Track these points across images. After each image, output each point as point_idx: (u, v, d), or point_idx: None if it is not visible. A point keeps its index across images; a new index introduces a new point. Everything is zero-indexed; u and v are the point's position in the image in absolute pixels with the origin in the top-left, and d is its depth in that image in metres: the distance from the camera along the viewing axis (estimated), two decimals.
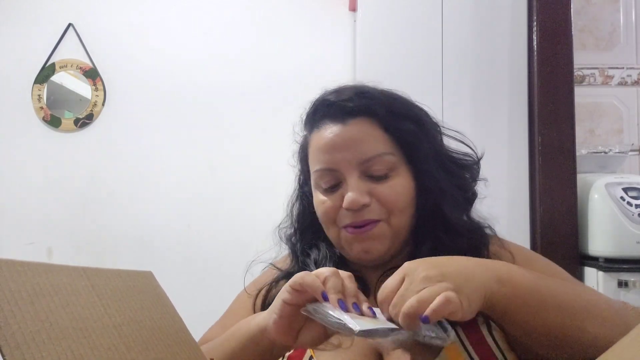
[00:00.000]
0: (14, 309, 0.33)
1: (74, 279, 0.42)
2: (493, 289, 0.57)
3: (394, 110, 0.73)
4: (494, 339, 0.63)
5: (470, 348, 0.62)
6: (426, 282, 0.53)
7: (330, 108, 0.74)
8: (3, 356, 0.30)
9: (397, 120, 0.72)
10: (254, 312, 0.77)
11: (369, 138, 0.71)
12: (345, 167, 0.70)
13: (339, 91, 0.76)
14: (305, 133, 0.81)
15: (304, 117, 0.80)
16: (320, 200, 0.74)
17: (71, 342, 0.36)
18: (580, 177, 1.77)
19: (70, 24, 2.27)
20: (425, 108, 0.79)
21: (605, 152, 1.95)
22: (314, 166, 0.75)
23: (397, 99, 0.76)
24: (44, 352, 0.32)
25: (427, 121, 0.77)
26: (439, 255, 0.67)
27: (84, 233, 2.21)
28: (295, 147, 0.84)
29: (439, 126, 0.79)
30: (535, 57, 1.79)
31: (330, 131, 0.72)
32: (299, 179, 0.85)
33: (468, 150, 0.79)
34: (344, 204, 0.69)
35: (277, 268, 0.82)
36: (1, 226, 2.21)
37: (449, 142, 0.80)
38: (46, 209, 2.22)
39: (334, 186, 0.73)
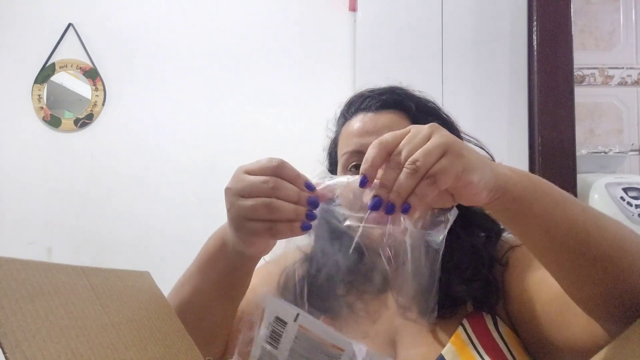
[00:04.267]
0: (15, 307, 0.33)
1: (72, 278, 0.42)
2: (505, 171, 0.52)
3: (423, 108, 0.78)
4: (499, 334, 0.65)
5: (476, 340, 0.64)
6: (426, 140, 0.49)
7: (364, 101, 0.78)
8: (4, 353, 0.30)
9: (425, 117, 0.76)
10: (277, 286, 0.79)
11: (398, 127, 0.72)
12: None
13: (373, 89, 0.82)
14: (337, 127, 0.84)
15: (338, 114, 0.84)
16: None
17: (70, 340, 0.36)
18: (580, 177, 1.77)
19: (70, 24, 2.27)
20: (448, 113, 0.84)
21: (605, 152, 1.95)
22: (343, 150, 0.77)
23: (426, 99, 0.82)
24: (44, 350, 0.33)
25: (452, 123, 0.82)
26: (454, 249, 0.70)
27: (83, 233, 2.21)
28: (327, 143, 0.88)
29: (460, 132, 0.83)
30: (535, 57, 1.79)
31: (362, 118, 0.77)
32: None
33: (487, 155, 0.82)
34: None
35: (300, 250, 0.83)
36: (1, 226, 2.21)
37: None
38: (46, 208, 2.22)
39: (358, 166, 0.74)
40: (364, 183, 0.51)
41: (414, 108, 0.76)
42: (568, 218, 0.53)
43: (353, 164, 0.75)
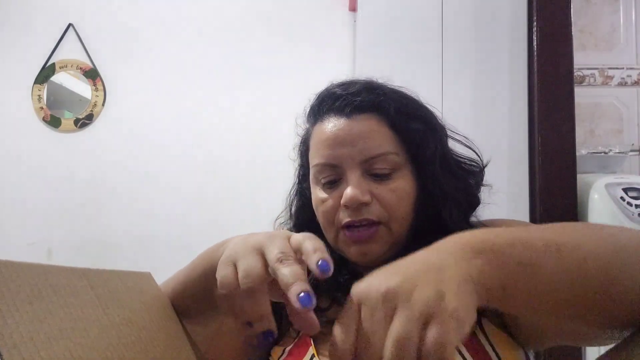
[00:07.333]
0: (12, 309, 0.33)
1: (72, 280, 0.42)
2: (477, 267, 0.41)
3: (403, 109, 0.71)
4: (484, 334, 0.63)
5: (462, 348, 0.61)
6: (389, 319, 0.37)
7: (336, 101, 0.71)
8: (1, 356, 0.30)
9: (406, 120, 0.70)
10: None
11: (375, 135, 0.68)
12: (348, 163, 0.68)
13: (347, 84, 0.74)
14: (307, 126, 0.78)
15: (308, 109, 0.78)
16: (320, 198, 0.71)
17: (69, 342, 0.36)
18: (580, 177, 1.77)
19: (70, 24, 2.27)
20: (433, 110, 0.76)
21: (605, 152, 1.95)
22: (314, 160, 0.72)
23: (407, 97, 0.74)
24: (42, 351, 0.32)
25: (435, 123, 0.74)
26: None
27: (84, 233, 2.21)
28: (297, 141, 0.82)
29: (445, 129, 0.76)
30: (535, 57, 1.79)
31: (334, 125, 0.69)
32: (299, 173, 0.82)
33: (474, 156, 0.76)
34: (342, 200, 0.66)
35: None
36: (1, 226, 2.21)
37: (454, 146, 0.78)
38: (46, 209, 2.22)
39: (333, 182, 0.70)
40: None
41: (393, 110, 0.69)
42: (551, 275, 0.43)
43: (327, 179, 0.70)
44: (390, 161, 0.68)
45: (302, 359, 0.66)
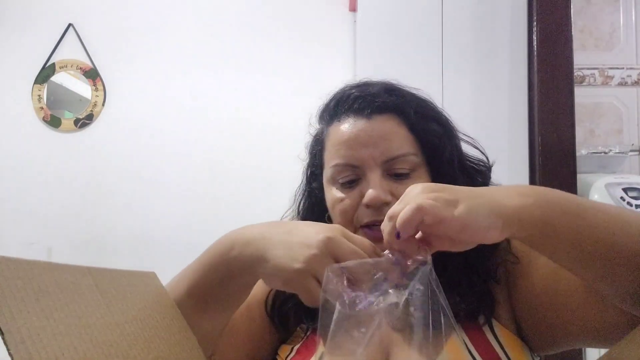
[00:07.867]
0: (20, 305, 0.33)
1: (78, 277, 0.42)
2: (514, 201, 0.50)
3: (421, 111, 0.72)
4: (495, 336, 0.64)
5: (470, 345, 0.62)
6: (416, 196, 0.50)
7: (355, 102, 0.71)
8: (8, 350, 0.30)
9: (424, 121, 0.71)
10: (265, 301, 0.76)
11: (396, 136, 0.69)
12: (369, 164, 0.68)
13: (364, 85, 0.74)
14: (322, 126, 0.77)
15: (322, 109, 0.78)
16: (337, 197, 0.71)
17: (74, 338, 0.36)
18: (580, 177, 1.77)
19: (70, 24, 2.27)
20: (445, 113, 0.78)
21: (605, 152, 1.96)
22: (332, 160, 0.71)
23: (424, 99, 0.76)
24: (47, 347, 0.33)
25: (450, 125, 0.76)
26: (447, 264, 0.66)
27: (83, 233, 2.21)
28: (309, 140, 0.81)
29: (456, 131, 0.78)
30: (535, 57, 1.79)
31: (354, 125, 0.70)
32: (308, 173, 0.82)
33: (481, 156, 0.78)
34: (365, 200, 0.66)
35: None
36: (1, 226, 2.21)
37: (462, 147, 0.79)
38: (46, 209, 2.22)
39: (352, 182, 0.70)
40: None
41: (412, 112, 0.70)
42: (592, 227, 0.51)
43: (345, 179, 0.70)
44: (410, 162, 0.69)
45: (310, 357, 0.66)
